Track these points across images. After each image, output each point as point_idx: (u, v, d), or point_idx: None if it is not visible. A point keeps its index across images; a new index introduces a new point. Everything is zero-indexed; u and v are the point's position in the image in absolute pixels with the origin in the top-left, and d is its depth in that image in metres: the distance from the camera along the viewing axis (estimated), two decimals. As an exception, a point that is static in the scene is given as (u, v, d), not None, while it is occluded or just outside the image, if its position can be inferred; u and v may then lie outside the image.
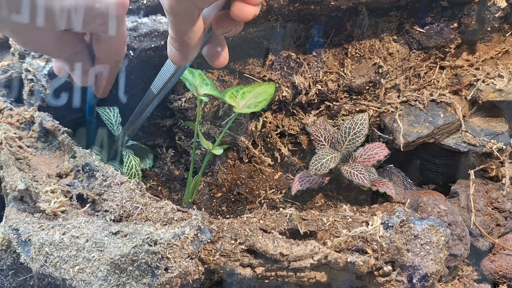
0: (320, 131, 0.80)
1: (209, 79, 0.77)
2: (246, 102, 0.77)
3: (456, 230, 0.72)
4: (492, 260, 0.75)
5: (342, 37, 0.86)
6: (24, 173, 0.63)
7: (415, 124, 0.81)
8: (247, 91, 0.79)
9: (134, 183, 0.64)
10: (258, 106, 0.77)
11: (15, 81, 0.87)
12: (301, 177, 0.78)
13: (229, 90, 0.79)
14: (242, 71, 0.87)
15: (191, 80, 0.75)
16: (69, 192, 0.64)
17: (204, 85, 0.76)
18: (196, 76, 0.76)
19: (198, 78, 0.76)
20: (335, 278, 0.60)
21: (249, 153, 0.87)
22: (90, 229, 0.56)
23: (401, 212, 0.63)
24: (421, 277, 0.62)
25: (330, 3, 0.77)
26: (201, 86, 0.75)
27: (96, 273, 0.53)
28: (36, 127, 0.76)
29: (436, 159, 0.88)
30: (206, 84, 0.76)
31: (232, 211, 0.81)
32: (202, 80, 0.76)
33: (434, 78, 0.84)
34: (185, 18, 0.53)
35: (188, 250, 0.55)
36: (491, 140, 0.80)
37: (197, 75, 0.77)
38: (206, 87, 0.75)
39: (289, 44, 0.85)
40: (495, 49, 0.84)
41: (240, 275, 0.58)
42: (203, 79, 0.77)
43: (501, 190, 0.80)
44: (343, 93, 0.85)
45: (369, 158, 0.78)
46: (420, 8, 0.83)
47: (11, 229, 0.60)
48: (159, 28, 0.79)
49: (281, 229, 0.62)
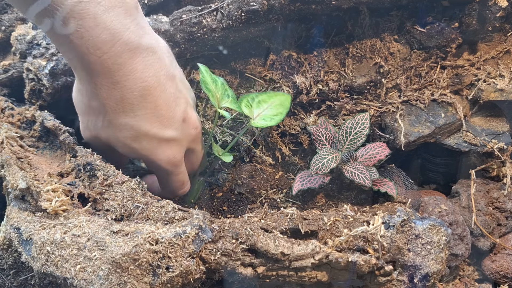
0: (321, 131, 0.80)
1: (230, 90, 0.72)
2: (261, 112, 0.74)
3: (457, 230, 0.72)
4: (493, 260, 0.75)
5: (343, 36, 0.86)
6: (25, 172, 0.63)
7: (416, 123, 0.81)
8: (263, 100, 0.75)
9: (135, 182, 0.64)
10: (273, 120, 0.73)
11: (16, 80, 0.87)
12: (302, 176, 0.78)
13: (244, 97, 0.75)
14: (243, 71, 0.87)
15: (213, 91, 0.69)
16: (70, 191, 0.64)
17: (225, 97, 0.70)
18: (219, 86, 0.71)
19: (221, 89, 0.71)
20: (336, 278, 0.60)
21: (250, 153, 0.87)
22: (91, 228, 0.56)
23: (402, 211, 0.63)
24: (422, 276, 0.62)
25: (331, 3, 0.77)
26: (223, 98, 0.70)
27: (97, 272, 0.53)
28: (37, 127, 0.76)
29: (437, 159, 0.88)
30: (227, 96, 0.71)
31: (233, 211, 0.81)
32: (224, 91, 0.71)
33: (435, 77, 0.84)
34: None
35: (189, 249, 0.55)
36: (492, 139, 0.80)
37: (220, 84, 0.71)
38: (228, 100, 0.70)
39: (290, 44, 0.85)
40: (496, 48, 0.84)
41: (241, 275, 0.58)
42: (225, 90, 0.71)
43: (502, 190, 0.80)
44: (344, 92, 0.85)
45: (370, 157, 0.78)
46: (421, 8, 0.83)
47: (12, 228, 0.60)
48: (160, 28, 0.79)
49: (282, 229, 0.62)
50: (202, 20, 0.79)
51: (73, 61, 0.61)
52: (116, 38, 0.58)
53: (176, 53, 0.81)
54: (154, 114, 0.64)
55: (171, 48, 0.80)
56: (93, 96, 0.62)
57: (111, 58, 0.59)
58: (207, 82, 0.70)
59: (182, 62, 0.82)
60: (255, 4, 0.76)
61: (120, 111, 0.62)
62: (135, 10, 0.61)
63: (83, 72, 0.61)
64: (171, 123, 0.66)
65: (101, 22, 0.57)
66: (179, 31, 0.79)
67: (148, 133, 0.64)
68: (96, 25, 0.57)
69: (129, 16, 0.59)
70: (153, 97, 0.63)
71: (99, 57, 0.58)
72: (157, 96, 0.63)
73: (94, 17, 0.56)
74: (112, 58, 0.59)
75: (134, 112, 0.63)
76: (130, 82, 0.61)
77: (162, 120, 0.65)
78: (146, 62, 0.62)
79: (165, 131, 0.65)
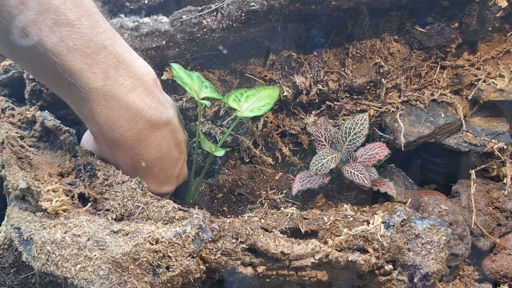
0: (321, 131, 0.80)
1: (208, 81, 0.76)
2: (250, 105, 0.76)
3: (457, 229, 0.72)
4: (493, 259, 0.75)
5: (343, 37, 0.86)
6: (25, 172, 0.63)
7: (416, 124, 0.81)
8: (251, 94, 0.78)
9: (135, 182, 0.64)
10: (261, 110, 0.75)
11: (16, 80, 0.88)
12: (302, 177, 0.78)
13: (233, 93, 0.77)
14: (243, 71, 0.87)
15: (190, 84, 0.73)
16: (71, 191, 0.64)
17: (203, 88, 0.74)
18: (194, 79, 0.74)
19: (197, 81, 0.74)
20: (336, 277, 0.60)
21: (250, 153, 0.87)
22: (92, 227, 0.56)
23: (402, 211, 0.63)
24: (422, 276, 0.62)
25: (331, 3, 0.77)
26: (201, 89, 0.73)
27: (98, 272, 0.53)
28: (38, 127, 0.76)
29: (437, 159, 0.88)
30: (205, 87, 0.74)
31: (233, 212, 0.81)
32: (201, 82, 0.74)
33: (435, 78, 0.84)
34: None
35: (189, 249, 0.55)
36: (492, 140, 0.80)
37: (195, 78, 0.75)
38: (206, 90, 0.74)
39: (290, 44, 0.85)
40: (496, 49, 0.84)
41: (241, 274, 0.58)
42: (201, 82, 0.75)
43: (502, 190, 0.80)
44: (344, 93, 0.85)
45: (370, 158, 0.78)
46: (421, 8, 0.83)
47: (13, 228, 0.60)
48: (161, 28, 0.79)
49: (282, 228, 0.62)
50: (202, 21, 0.79)
51: (97, 135, 0.65)
52: (139, 116, 0.62)
53: (176, 54, 0.81)
54: (158, 176, 0.70)
55: (171, 48, 0.80)
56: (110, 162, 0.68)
57: (134, 135, 0.63)
58: (182, 77, 0.72)
59: (182, 62, 0.83)
60: (255, 4, 0.76)
61: (133, 175, 0.67)
62: (154, 88, 0.65)
63: (104, 144, 0.65)
64: (169, 181, 0.72)
65: (124, 103, 0.60)
66: (179, 31, 0.79)
67: (150, 191, 0.68)
68: (120, 105, 0.60)
69: (150, 94, 0.63)
70: (162, 164, 0.68)
71: (122, 134, 0.62)
72: (165, 163, 0.69)
73: (119, 98, 0.60)
74: (134, 135, 0.63)
75: (144, 176, 0.67)
76: (147, 154, 0.66)
77: (163, 180, 0.71)
78: (163, 135, 0.66)
79: (163, 188, 0.72)
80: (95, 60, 0.57)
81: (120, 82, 0.60)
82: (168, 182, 0.73)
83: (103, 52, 0.58)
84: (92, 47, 0.57)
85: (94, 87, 0.58)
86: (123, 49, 0.61)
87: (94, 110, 0.60)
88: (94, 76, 0.57)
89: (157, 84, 0.66)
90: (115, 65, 0.59)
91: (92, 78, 0.57)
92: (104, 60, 0.58)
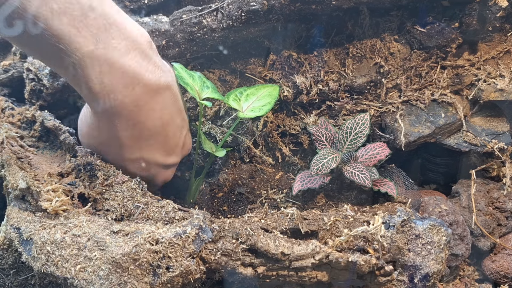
0: (321, 131, 0.80)
1: (209, 81, 0.75)
2: (250, 105, 0.75)
3: (457, 230, 0.72)
4: (493, 260, 0.75)
5: (343, 36, 0.86)
6: (25, 172, 0.63)
7: (416, 124, 0.81)
8: (251, 93, 0.77)
9: (135, 182, 0.64)
10: (262, 110, 0.75)
11: (16, 80, 0.87)
12: (302, 177, 0.78)
13: (233, 92, 0.77)
14: (243, 71, 0.87)
15: (191, 84, 0.71)
16: (71, 191, 0.64)
17: (205, 88, 0.73)
18: (196, 79, 0.73)
19: (199, 82, 0.73)
20: (336, 278, 0.60)
21: (250, 153, 0.87)
22: (92, 228, 0.56)
23: (402, 211, 0.63)
24: (422, 276, 0.62)
25: (331, 3, 0.77)
26: (202, 89, 0.72)
27: (98, 272, 0.53)
28: (38, 127, 0.76)
29: (437, 159, 0.88)
30: (207, 87, 0.73)
31: (233, 211, 0.81)
32: (203, 83, 0.73)
33: (435, 78, 0.84)
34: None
35: (189, 249, 0.55)
36: (492, 140, 0.80)
37: (197, 78, 0.74)
38: (207, 91, 0.73)
39: (290, 44, 0.85)
40: (496, 48, 0.84)
41: (241, 275, 0.58)
42: (203, 82, 0.74)
43: (502, 190, 0.80)
44: (344, 92, 0.85)
45: (370, 158, 0.78)
46: (421, 8, 0.82)
47: (13, 228, 0.60)
48: (161, 28, 0.79)
49: (283, 229, 0.62)
50: (202, 20, 0.79)
51: (94, 104, 0.61)
52: (137, 81, 0.59)
53: (177, 53, 0.81)
54: (164, 146, 0.67)
55: (171, 48, 0.80)
56: (111, 135, 0.64)
57: (133, 101, 0.60)
58: (184, 77, 0.71)
59: (182, 62, 0.82)
60: (255, 4, 0.76)
61: (136, 148, 0.65)
62: (150, 51, 0.62)
63: (103, 115, 0.62)
64: (174, 151, 0.70)
65: (119, 67, 0.57)
66: (179, 31, 0.79)
67: (156, 162, 0.68)
68: (115, 70, 0.57)
69: (146, 57, 0.60)
70: (166, 131, 0.66)
71: (120, 101, 0.59)
72: (168, 130, 0.66)
73: (112, 62, 0.57)
74: (133, 101, 0.60)
75: (149, 146, 0.65)
76: (149, 121, 0.63)
77: (168, 150, 0.68)
78: (164, 100, 0.63)
79: (169, 158, 0.69)
80: (84, 23, 0.54)
81: (113, 45, 0.56)
82: (174, 152, 0.70)
83: (92, 14, 0.54)
84: (78, 9, 0.53)
85: (85, 51, 0.55)
86: (113, 10, 0.58)
87: (88, 77, 0.56)
88: (84, 40, 0.54)
89: (152, 47, 0.63)
90: (106, 27, 0.56)
91: (82, 42, 0.54)
92: (94, 23, 0.54)
